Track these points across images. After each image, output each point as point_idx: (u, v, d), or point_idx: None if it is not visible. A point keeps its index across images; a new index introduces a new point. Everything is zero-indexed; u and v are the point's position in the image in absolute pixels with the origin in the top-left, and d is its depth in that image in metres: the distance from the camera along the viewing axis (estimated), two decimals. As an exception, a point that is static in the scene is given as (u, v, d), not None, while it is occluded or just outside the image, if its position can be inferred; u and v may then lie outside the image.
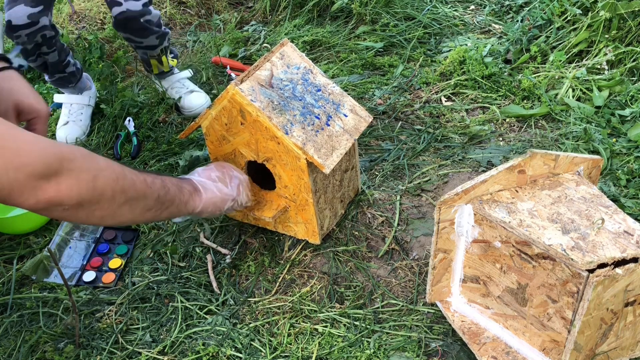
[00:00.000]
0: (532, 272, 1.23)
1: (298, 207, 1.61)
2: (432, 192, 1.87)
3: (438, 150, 2.05)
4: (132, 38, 2.09)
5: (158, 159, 2.11)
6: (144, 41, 2.12)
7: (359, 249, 1.69)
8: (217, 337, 1.48)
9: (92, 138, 2.26)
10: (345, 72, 2.53)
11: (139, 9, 1.99)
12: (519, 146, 2.02)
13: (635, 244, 1.17)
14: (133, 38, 2.09)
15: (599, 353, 1.26)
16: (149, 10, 2.03)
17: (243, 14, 3.15)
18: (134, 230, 1.81)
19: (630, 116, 2.09)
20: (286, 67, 1.60)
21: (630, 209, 1.70)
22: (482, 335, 1.39)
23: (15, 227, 1.79)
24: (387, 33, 2.76)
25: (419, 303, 1.53)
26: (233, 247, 1.73)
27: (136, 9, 1.99)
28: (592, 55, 2.35)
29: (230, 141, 1.59)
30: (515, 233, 1.22)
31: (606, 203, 1.28)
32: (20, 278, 1.68)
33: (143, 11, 2.01)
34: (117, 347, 1.48)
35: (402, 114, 2.25)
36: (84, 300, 1.61)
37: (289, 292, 1.59)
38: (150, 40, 2.12)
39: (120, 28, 2.05)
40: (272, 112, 1.47)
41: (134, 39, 2.10)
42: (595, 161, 1.38)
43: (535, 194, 1.30)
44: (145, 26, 2.05)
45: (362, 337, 1.45)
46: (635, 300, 1.20)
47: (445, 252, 1.37)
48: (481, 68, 2.39)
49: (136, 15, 1.99)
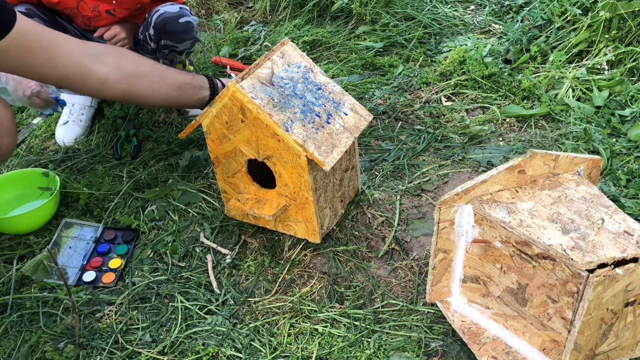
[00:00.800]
0: (532, 272, 1.23)
1: (298, 206, 1.61)
2: (432, 192, 1.87)
3: (438, 150, 2.05)
4: (169, 43, 2.11)
5: (158, 159, 2.11)
6: (180, 46, 2.14)
7: (359, 249, 1.69)
8: (217, 337, 1.48)
9: (92, 138, 2.26)
10: (345, 72, 2.53)
11: (176, 11, 2.05)
12: (519, 146, 2.02)
13: (635, 244, 1.17)
14: (169, 43, 2.11)
15: (599, 353, 1.26)
16: (186, 12, 2.08)
17: (243, 14, 3.15)
18: (134, 230, 1.81)
19: (630, 116, 2.09)
20: (287, 65, 1.60)
21: (630, 209, 1.70)
22: (482, 335, 1.39)
23: (15, 227, 1.79)
24: (387, 33, 2.76)
25: (419, 303, 1.53)
26: (233, 247, 1.73)
27: (173, 10, 2.05)
28: (592, 55, 2.35)
29: (230, 139, 1.59)
30: (515, 233, 1.22)
31: (606, 203, 1.28)
32: (20, 278, 1.68)
33: (181, 12, 2.06)
34: (117, 347, 1.48)
35: (402, 114, 2.25)
36: (84, 300, 1.61)
37: (289, 292, 1.59)
38: (185, 45, 2.14)
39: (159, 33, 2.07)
40: (272, 109, 1.47)
41: (170, 44, 2.12)
42: (595, 161, 1.38)
43: (535, 194, 1.30)
44: (183, 28, 2.08)
45: (362, 337, 1.45)
46: (635, 300, 1.20)
47: (445, 252, 1.37)
48: (481, 68, 2.39)
49: (174, 15, 2.04)
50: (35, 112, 2.39)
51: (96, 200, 1.92)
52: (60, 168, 2.10)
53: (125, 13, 2.08)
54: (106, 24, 2.09)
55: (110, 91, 1.69)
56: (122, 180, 2.01)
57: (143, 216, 1.85)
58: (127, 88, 1.71)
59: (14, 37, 1.45)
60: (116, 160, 2.12)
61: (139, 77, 1.73)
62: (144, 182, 1.98)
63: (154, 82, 1.75)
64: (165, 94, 1.78)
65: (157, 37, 2.09)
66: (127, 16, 2.11)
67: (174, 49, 2.14)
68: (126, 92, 1.72)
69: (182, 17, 2.06)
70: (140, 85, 1.73)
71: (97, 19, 2.07)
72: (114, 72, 1.67)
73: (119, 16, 2.08)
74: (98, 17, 2.06)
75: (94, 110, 2.33)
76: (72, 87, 1.66)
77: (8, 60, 1.49)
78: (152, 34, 2.08)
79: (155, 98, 1.78)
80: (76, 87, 1.66)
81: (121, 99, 1.80)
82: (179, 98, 1.82)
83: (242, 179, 1.67)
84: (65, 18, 2.12)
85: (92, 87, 1.66)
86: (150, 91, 1.75)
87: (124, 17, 2.10)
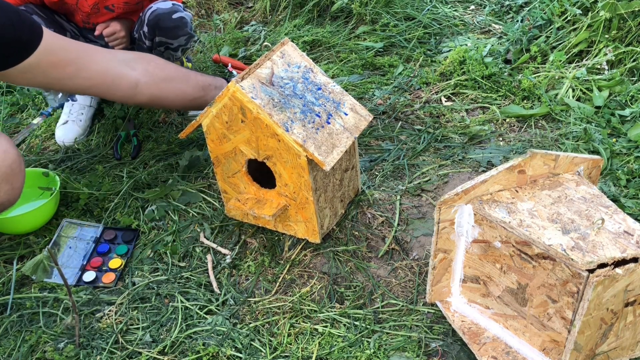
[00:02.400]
0: (532, 272, 1.23)
1: (298, 206, 1.61)
2: (432, 192, 1.87)
3: (438, 150, 2.05)
4: (163, 40, 2.12)
5: (158, 159, 2.11)
6: (174, 42, 2.15)
7: (359, 249, 1.69)
8: (217, 337, 1.48)
9: (92, 138, 2.26)
10: (345, 72, 2.53)
11: (169, 7, 2.06)
12: (519, 146, 2.02)
13: (635, 244, 1.17)
14: (164, 40, 2.12)
15: (599, 353, 1.26)
16: (179, 8, 2.08)
17: (243, 14, 3.15)
18: (134, 230, 1.81)
19: (630, 116, 2.09)
20: (287, 65, 1.60)
21: (630, 209, 1.70)
22: (482, 335, 1.39)
23: (15, 227, 1.79)
24: (387, 33, 2.76)
25: (419, 303, 1.53)
26: (233, 247, 1.73)
27: (166, 7, 2.05)
28: (592, 55, 2.35)
29: (230, 139, 1.59)
30: (515, 233, 1.22)
31: (606, 203, 1.28)
32: (20, 278, 1.68)
33: (174, 9, 2.06)
34: (117, 347, 1.48)
35: (402, 114, 2.25)
36: (84, 300, 1.61)
37: (289, 292, 1.59)
38: (180, 41, 2.15)
39: (152, 29, 2.08)
40: (272, 109, 1.47)
41: (164, 41, 2.13)
42: (595, 161, 1.38)
43: (535, 194, 1.30)
44: (177, 24, 2.08)
45: (362, 337, 1.45)
46: (635, 300, 1.20)
47: (445, 252, 1.37)
48: (481, 68, 2.39)
49: (166, 12, 2.04)
50: (53, 99, 2.37)
51: (96, 200, 1.92)
52: (60, 168, 2.10)
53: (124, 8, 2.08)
54: (105, 20, 2.10)
55: (141, 95, 1.73)
56: (122, 180, 2.01)
57: (143, 216, 1.85)
58: (158, 91, 1.75)
59: (42, 53, 1.47)
60: (116, 160, 2.12)
61: (167, 80, 1.77)
62: (144, 182, 1.98)
63: (180, 84, 1.80)
64: (191, 95, 1.83)
65: (151, 34, 2.09)
66: (126, 12, 2.11)
67: (168, 46, 2.15)
68: (156, 95, 1.76)
69: (175, 12, 2.06)
70: (169, 88, 1.78)
71: (96, 15, 2.07)
72: (145, 77, 1.71)
73: (118, 12, 2.09)
74: (97, 13, 2.06)
75: (93, 110, 2.33)
76: (103, 94, 1.70)
77: (37, 75, 1.50)
78: (146, 31, 2.08)
79: (183, 99, 1.83)
80: (107, 94, 1.70)
81: (149, 103, 1.83)
82: (203, 98, 1.86)
83: (242, 179, 1.67)
84: (63, 17, 2.13)
85: (123, 92, 1.70)
86: (178, 93, 1.80)
87: (123, 12, 2.11)
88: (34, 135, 2.33)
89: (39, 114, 2.43)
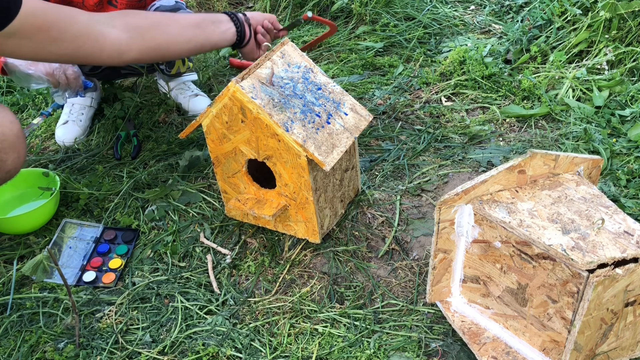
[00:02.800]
0: (532, 272, 1.23)
1: (298, 206, 1.61)
2: (432, 192, 1.87)
3: (438, 150, 2.05)
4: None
5: (158, 159, 2.11)
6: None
7: (359, 249, 1.69)
8: (217, 337, 1.48)
9: (92, 138, 2.26)
10: (345, 72, 2.53)
11: (172, 5, 2.03)
12: (519, 146, 2.02)
13: (635, 244, 1.17)
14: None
15: (599, 353, 1.26)
16: (182, 6, 2.06)
17: (243, 14, 3.15)
18: (134, 230, 1.81)
19: (630, 116, 2.09)
20: (287, 65, 1.60)
21: (630, 209, 1.70)
22: (482, 335, 1.39)
23: (15, 227, 1.79)
24: (387, 33, 2.76)
25: (419, 303, 1.53)
26: (233, 247, 1.73)
27: (169, 4, 2.03)
28: (592, 56, 2.35)
29: (230, 139, 1.59)
30: (515, 233, 1.22)
31: (606, 203, 1.28)
32: (20, 278, 1.68)
33: (176, 6, 2.04)
34: (117, 347, 1.48)
35: (402, 114, 2.25)
36: (84, 300, 1.61)
37: (289, 292, 1.59)
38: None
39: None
40: (272, 109, 1.47)
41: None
42: (595, 161, 1.38)
43: (535, 194, 1.30)
44: None
45: (362, 337, 1.45)
46: (635, 300, 1.20)
47: (445, 252, 1.37)
48: (481, 68, 2.39)
49: (169, 9, 2.02)
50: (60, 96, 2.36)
51: (96, 200, 1.92)
52: (60, 168, 2.10)
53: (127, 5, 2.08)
54: None
55: (129, 51, 1.63)
56: (122, 180, 2.01)
57: (143, 216, 1.85)
58: (145, 43, 1.65)
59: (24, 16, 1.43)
60: (116, 160, 2.12)
61: (152, 28, 1.66)
62: (144, 182, 1.98)
63: (168, 27, 1.69)
64: (185, 37, 1.71)
65: None
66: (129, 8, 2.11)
67: None
68: (145, 47, 1.66)
69: (178, 10, 2.06)
70: (157, 36, 1.67)
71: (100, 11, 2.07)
72: (127, 31, 1.61)
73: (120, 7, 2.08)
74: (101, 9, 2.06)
75: (93, 110, 2.33)
76: (90, 58, 1.62)
77: (22, 40, 1.48)
78: None
79: (178, 43, 1.72)
80: (94, 57, 1.61)
81: (144, 58, 1.72)
82: (202, 35, 1.74)
83: (242, 179, 1.67)
84: None
85: (109, 53, 1.61)
86: (169, 38, 1.69)
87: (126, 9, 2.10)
88: (34, 135, 2.33)
89: (39, 114, 2.43)
